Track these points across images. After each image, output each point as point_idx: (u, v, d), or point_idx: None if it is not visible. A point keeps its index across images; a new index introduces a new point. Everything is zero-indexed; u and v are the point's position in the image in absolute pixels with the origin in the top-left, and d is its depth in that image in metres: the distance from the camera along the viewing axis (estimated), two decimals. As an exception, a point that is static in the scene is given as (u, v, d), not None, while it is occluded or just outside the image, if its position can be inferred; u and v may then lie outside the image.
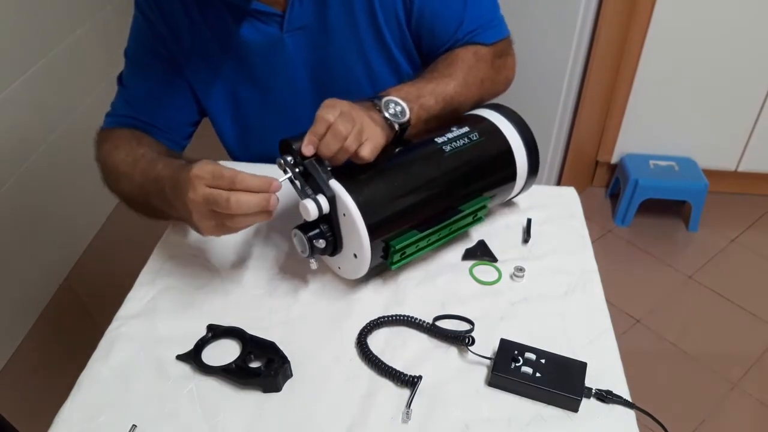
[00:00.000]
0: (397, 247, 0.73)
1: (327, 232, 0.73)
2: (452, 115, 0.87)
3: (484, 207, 0.81)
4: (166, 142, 0.96)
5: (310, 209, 0.70)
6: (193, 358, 0.71)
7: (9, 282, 1.69)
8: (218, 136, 1.06)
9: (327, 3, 0.89)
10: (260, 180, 0.69)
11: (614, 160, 2.18)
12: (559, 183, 2.16)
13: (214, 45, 0.93)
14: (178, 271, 0.84)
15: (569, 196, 0.96)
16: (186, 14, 0.91)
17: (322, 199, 0.70)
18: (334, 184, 0.71)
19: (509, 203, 0.94)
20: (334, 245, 0.74)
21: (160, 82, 0.96)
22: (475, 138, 0.81)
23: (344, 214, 0.71)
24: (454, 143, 0.79)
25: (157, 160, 0.82)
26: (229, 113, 1.01)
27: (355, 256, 0.73)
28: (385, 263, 0.76)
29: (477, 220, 0.82)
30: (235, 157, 1.08)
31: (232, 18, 0.90)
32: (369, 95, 0.79)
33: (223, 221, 0.71)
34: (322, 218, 0.72)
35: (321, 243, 0.73)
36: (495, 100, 0.93)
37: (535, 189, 0.94)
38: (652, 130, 2.10)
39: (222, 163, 1.02)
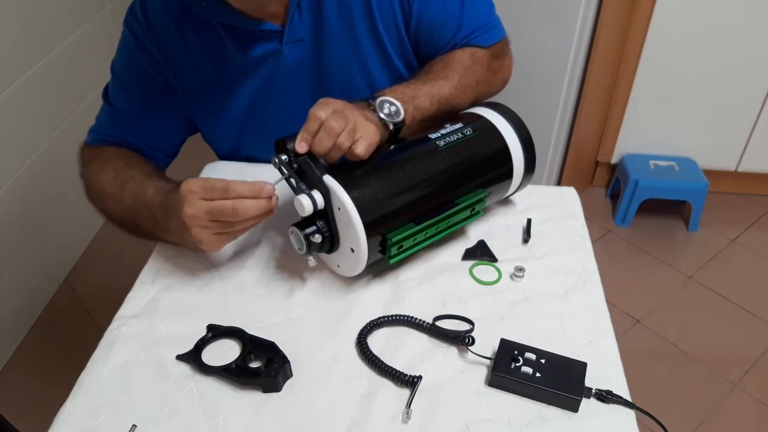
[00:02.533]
0: (394, 240, 0.73)
1: (323, 228, 0.73)
2: (447, 116, 0.87)
3: (481, 200, 0.81)
4: (152, 160, 0.96)
5: (305, 204, 0.70)
6: (193, 358, 0.71)
7: (9, 282, 1.69)
8: (210, 145, 1.05)
9: (325, 14, 0.88)
10: (251, 186, 0.69)
11: (614, 160, 2.18)
12: (559, 183, 2.16)
13: (211, 65, 0.92)
14: (178, 271, 0.84)
15: (569, 196, 0.96)
16: (180, 35, 0.90)
17: (317, 194, 0.71)
18: (328, 179, 0.71)
19: (509, 203, 0.94)
20: (331, 241, 0.74)
21: (147, 107, 0.95)
22: (468, 133, 0.81)
23: (339, 208, 0.71)
24: (448, 138, 0.80)
25: (146, 184, 0.82)
26: (224, 128, 0.99)
27: (352, 250, 0.73)
28: (384, 260, 0.76)
29: (475, 214, 0.82)
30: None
31: (231, 38, 0.89)
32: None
33: (226, 229, 0.72)
34: (319, 215, 0.73)
35: (317, 238, 0.73)
36: (494, 99, 0.93)
37: (535, 189, 0.94)
38: (652, 130, 2.09)
39: (211, 164, 1.03)
